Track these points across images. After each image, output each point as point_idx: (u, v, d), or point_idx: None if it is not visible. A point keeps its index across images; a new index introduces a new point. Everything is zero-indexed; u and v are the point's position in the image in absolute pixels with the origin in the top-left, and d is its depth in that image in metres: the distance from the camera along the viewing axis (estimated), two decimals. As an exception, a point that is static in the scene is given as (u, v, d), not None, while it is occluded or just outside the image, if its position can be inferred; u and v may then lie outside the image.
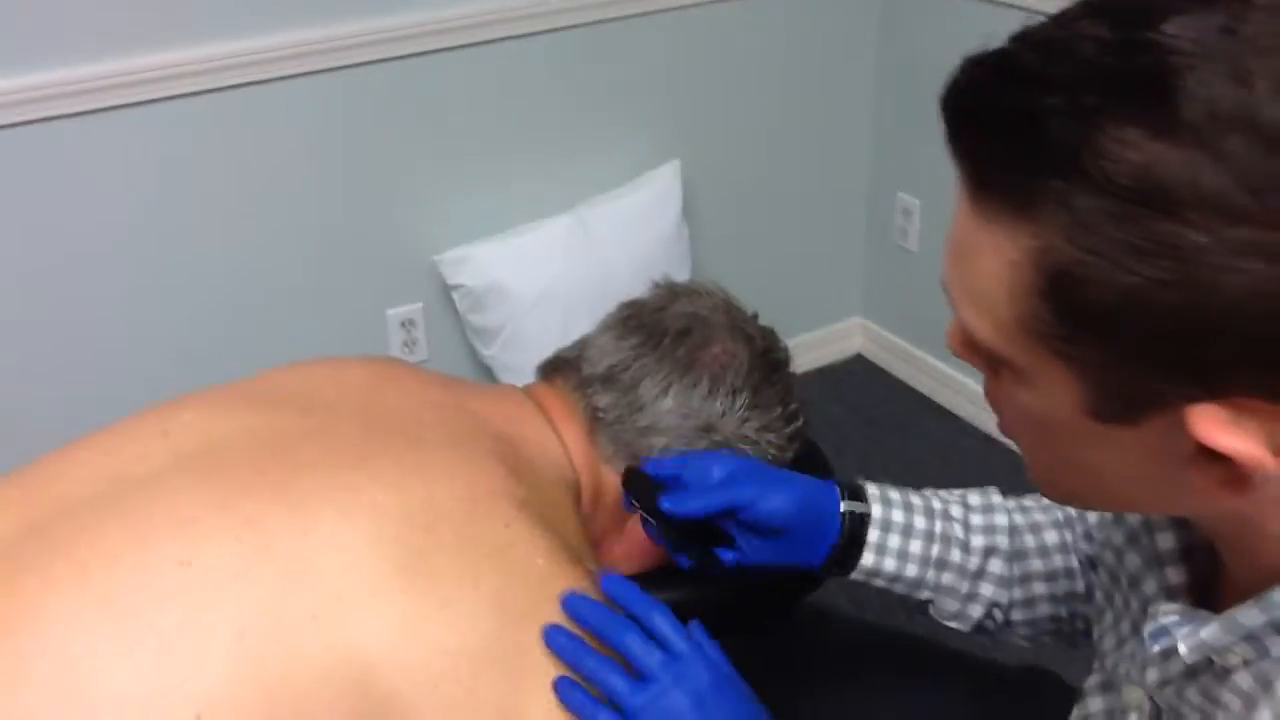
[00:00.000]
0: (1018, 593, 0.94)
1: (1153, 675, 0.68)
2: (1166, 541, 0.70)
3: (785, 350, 1.09)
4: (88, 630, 0.73)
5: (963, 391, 2.40)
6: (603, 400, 1.00)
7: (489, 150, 2.05)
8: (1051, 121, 0.49)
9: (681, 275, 2.21)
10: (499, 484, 0.85)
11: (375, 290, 2.06)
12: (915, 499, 0.94)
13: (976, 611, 0.94)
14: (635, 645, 0.79)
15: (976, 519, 0.94)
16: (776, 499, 0.89)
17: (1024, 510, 0.97)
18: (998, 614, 0.94)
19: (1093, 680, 0.81)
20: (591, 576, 0.85)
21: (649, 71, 2.16)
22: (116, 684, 0.72)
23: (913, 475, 2.26)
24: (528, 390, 1.04)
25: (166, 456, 0.85)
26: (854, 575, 0.92)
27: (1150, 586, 0.72)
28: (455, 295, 2.07)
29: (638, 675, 0.79)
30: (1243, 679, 0.60)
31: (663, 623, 0.81)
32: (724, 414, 1.01)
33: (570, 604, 0.80)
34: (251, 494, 0.80)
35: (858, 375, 2.59)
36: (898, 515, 0.92)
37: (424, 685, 0.74)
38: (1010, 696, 1.06)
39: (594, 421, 1.00)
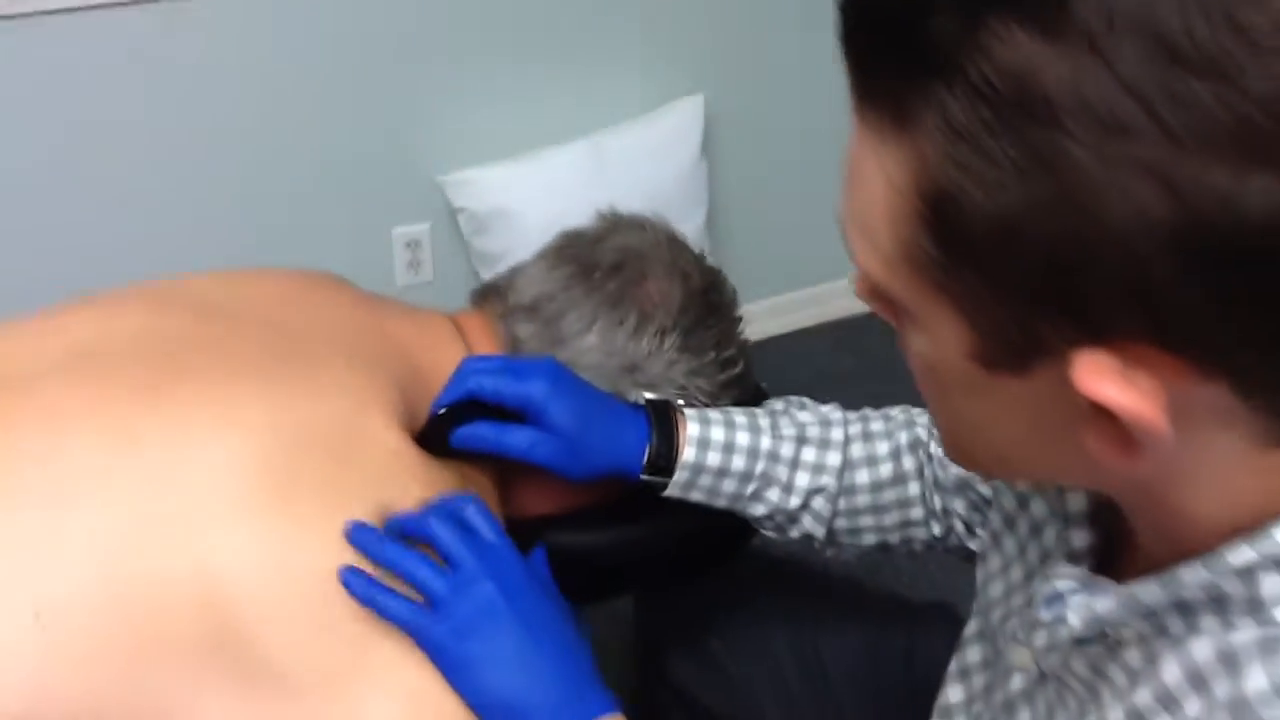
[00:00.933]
0: (841, 523, 0.96)
1: (1040, 639, 0.65)
2: (1076, 501, 0.66)
3: (730, 292, 1.05)
4: None
5: (984, 353, 2.33)
6: (523, 331, 0.97)
7: (504, 72, 2.01)
8: (937, 18, 0.44)
9: (697, 215, 2.16)
10: (388, 410, 0.83)
11: (382, 209, 2.04)
12: (742, 437, 0.93)
13: (793, 534, 0.97)
14: (445, 536, 0.78)
15: (808, 455, 0.94)
16: (566, 466, 0.89)
17: (866, 439, 0.97)
18: (815, 542, 0.98)
19: (971, 628, 0.78)
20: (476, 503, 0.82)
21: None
22: None
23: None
24: (455, 316, 1.01)
25: (55, 355, 0.83)
26: (663, 495, 0.93)
27: (1050, 539, 0.68)
28: (460, 218, 2.04)
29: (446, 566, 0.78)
30: (1132, 655, 0.56)
31: (475, 516, 0.80)
32: (649, 354, 0.97)
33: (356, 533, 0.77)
34: (130, 397, 0.78)
35: (878, 329, 2.51)
36: (713, 459, 0.92)
37: (271, 603, 0.73)
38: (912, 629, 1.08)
39: (513, 352, 0.97)
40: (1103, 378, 0.46)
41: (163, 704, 0.72)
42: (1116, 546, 0.64)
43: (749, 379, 1.06)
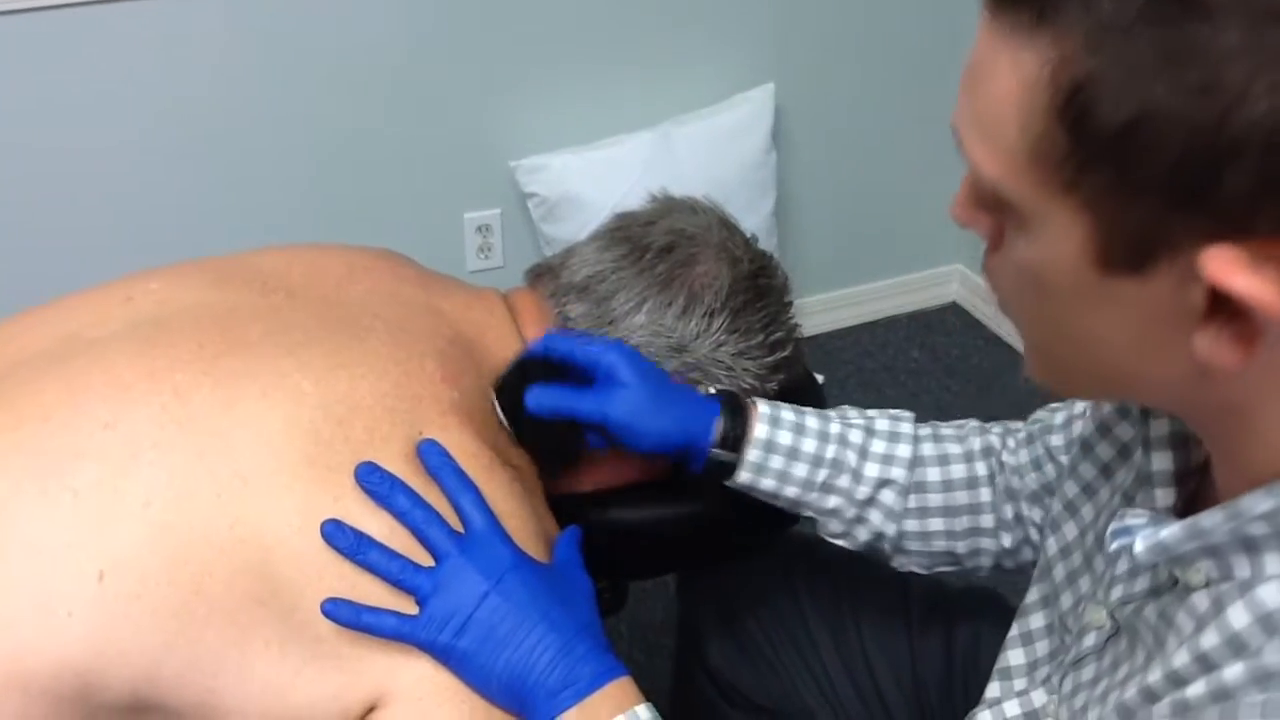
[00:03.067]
0: (911, 524, 0.93)
1: (1117, 592, 0.67)
2: (1162, 461, 0.66)
3: (781, 276, 1.05)
4: (12, 477, 0.76)
5: (1056, 350, 2.30)
6: (575, 310, 0.98)
7: (577, 60, 2.03)
8: None
9: (765, 205, 2.16)
10: (428, 386, 0.85)
11: (455, 193, 2.07)
12: (812, 421, 0.92)
13: (863, 535, 0.94)
14: (427, 530, 0.78)
15: (877, 446, 0.93)
16: (639, 431, 0.89)
17: (937, 440, 0.95)
18: (886, 544, 0.94)
19: (1034, 595, 0.80)
20: (512, 476, 0.84)
21: (749, -12, 2.09)
22: (30, 530, 0.75)
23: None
24: (508, 294, 1.03)
25: (121, 322, 0.87)
26: (731, 485, 0.92)
27: (1134, 500, 0.69)
28: (530, 203, 2.07)
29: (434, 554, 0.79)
30: (1200, 600, 0.57)
31: (468, 504, 0.80)
32: (698, 335, 0.98)
33: (363, 473, 0.78)
34: (184, 366, 0.81)
35: (949, 324, 2.50)
36: (784, 438, 0.90)
37: (312, 569, 0.76)
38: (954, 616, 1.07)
39: (563, 330, 0.98)
40: (1233, 269, 0.47)
41: (213, 663, 0.75)
42: (1199, 507, 0.64)
43: (798, 363, 1.06)
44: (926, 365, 2.38)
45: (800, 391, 1.11)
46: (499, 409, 0.91)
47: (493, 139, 2.04)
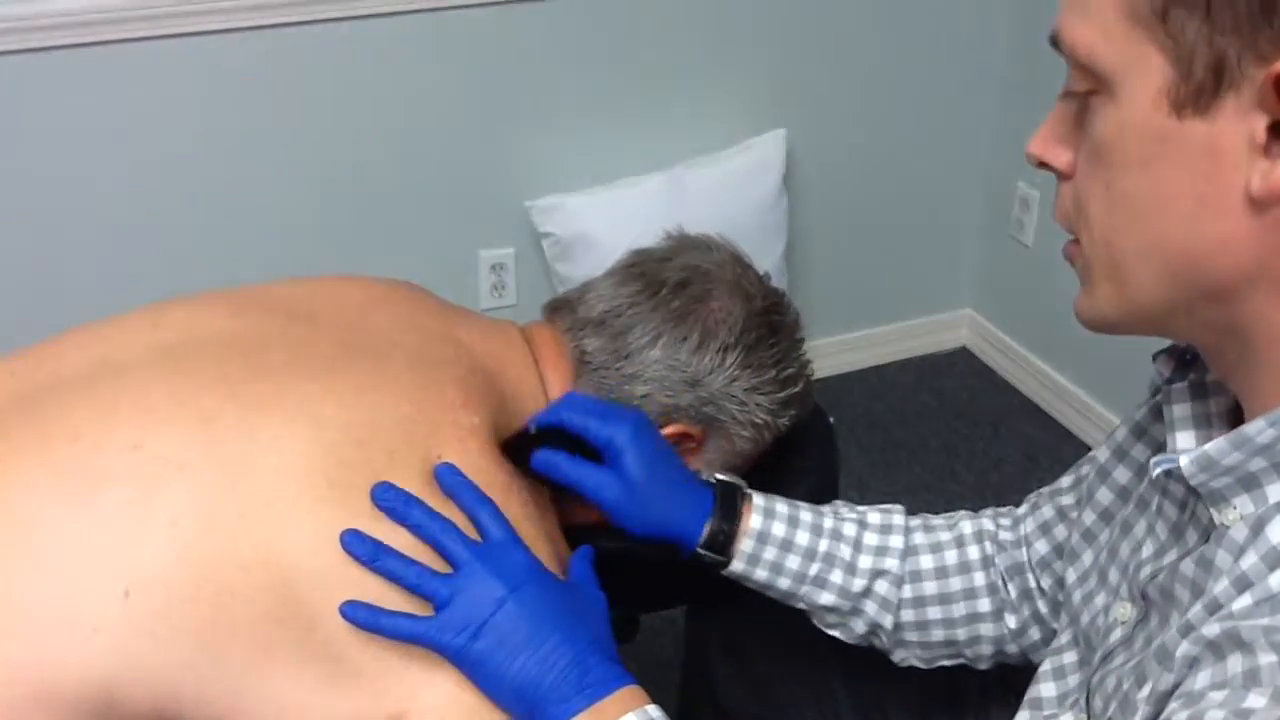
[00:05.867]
0: (908, 615, 0.95)
1: (1145, 572, 0.70)
2: (1186, 442, 0.70)
3: (793, 314, 1.06)
4: (40, 497, 0.78)
5: (1065, 396, 2.31)
6: (591, 344, 1.00)
7: (593, 102, 2.06)
8: None
9: (776, 248, 2.18)
10: (449, 413, 0.86)
11: (470, 231, 2.10)
12: (806, 515, 0.93)
13: (860, 627, 0.95)
14: (443, 539, 0.79)
15: (870, 539, 0.94)
16: (629, 520, 0.91)
17: (928, 529, 0.96)
18: (883, 635, 0.95)
19: (1065, 638, 0.83)
20: (529, 498, 0.86)
21: (761, 35, 2.12)
22: (57, 549, 0.76)
23: (996, 473, 2.21)
24: (525, 328, 1.05)
25: (148, 348, 0.89)
26: (726, 573, 0.93)
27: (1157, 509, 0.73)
28: (545, 243, 2.09)
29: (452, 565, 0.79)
30: (1238, 532, 0.61)
31: (485, 516, 0.81)
32: (712, 370, 0.99)
33: (379, 492, 0.79)
34: (211, 391, 0.83)
35: (959, 368, 2.51)
36: (779, 529, 0.92)
37: (333, 590, 0.77)
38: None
39: (580, 364, 1.00)
40: None
41: (234, 681, 0.76)
42: None
43: (809, 399, 1.07)
44: (935, 409, 2.39)
45: (811, 429, 1.13)
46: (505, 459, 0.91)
47: (508, 178, 2.07)
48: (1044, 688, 0.82)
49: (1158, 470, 0.67)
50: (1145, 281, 0.63)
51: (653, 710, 0.76)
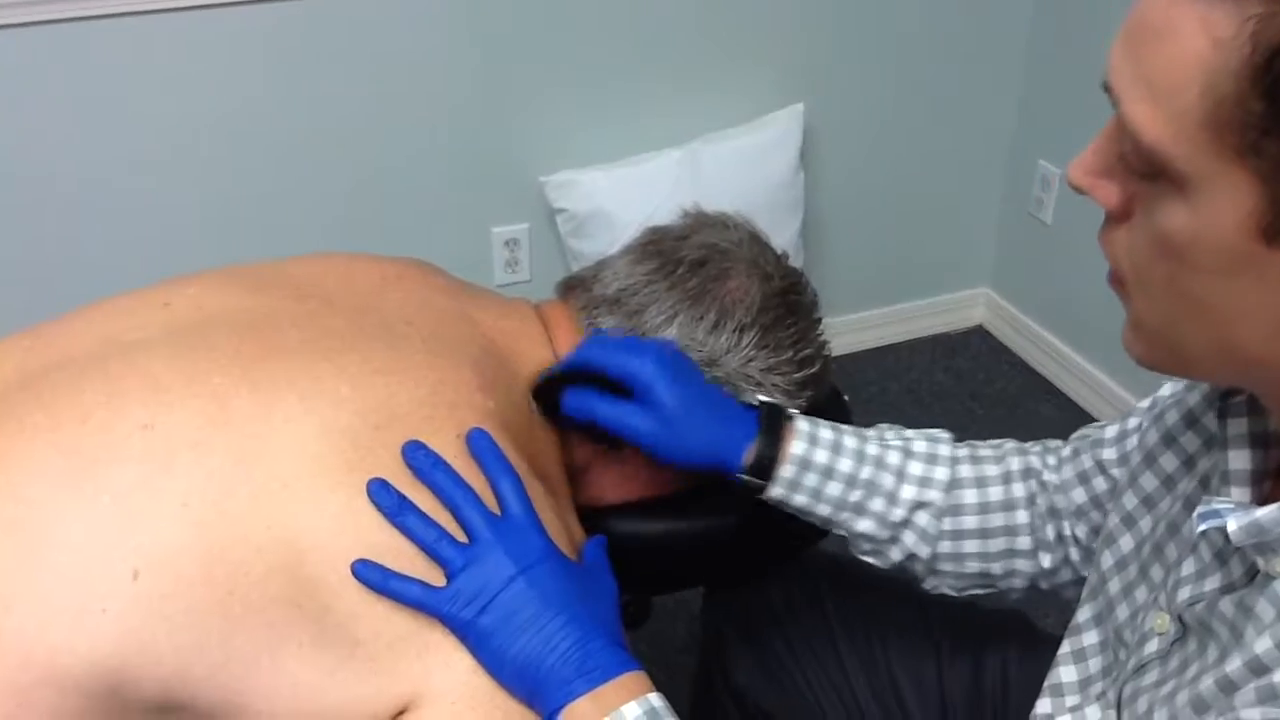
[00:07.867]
0: (946, 546, 0.93)
1: (1184, 593, 0.67)
2: (1239, 461, 0.66)
3: (810, 294, 1.05)
4: (49, 478, 0.77)
5: (1082, 376, 2.29)
6: (606, 322, 0.99)
7: (608, 79, 2.04)
8: None
9: (792, 225, 2.16)
10: (465, 394, 0.85)
11: (484, 207, 2.09)
12: (850, 440, 0.92)
13: (895, 555, 0.94)
14: (464, 507, 0.78)
15: (914, 468, 0.92)
16: (667, 449, 0.89)
17: (975, 461, 0.94)
18: (919, 565, 0.94)
19: (1086, 613, 0.81)
20: (545, 489, 0.84)
21: (779, 8, 2.09)
22: (67, 530, 0.75)
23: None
24: (540, 306, 1.04)
25: (159, 326, 0.88)
26: (764, 497, 0.92)
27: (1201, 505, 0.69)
28: (559, 219, 2.08)
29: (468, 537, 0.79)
30: None
31: (507, 489, 0.80)
32: (728, 350, 0.98)
33: (410, 450, 0.79)
34: (223, 370, 0.82)
35: (975, 347, 2.49)
36: (821, 456, 0.90)
37: (348, 576, 0.76)
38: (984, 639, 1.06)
39: (609, 331, 0.99)
40: None
41: (246, 663, 0.75)
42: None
43: (826, 379, 1.06)
44: (951, 388, 2.37)
45: (827, 409, 1.11)
46: (535, 406, 0.91)
47: (522, 154, 2.05)
48: (1064, 671, 0.81)
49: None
50: (1207, 366, 0.60)
51: (654, 699, 0.75)
